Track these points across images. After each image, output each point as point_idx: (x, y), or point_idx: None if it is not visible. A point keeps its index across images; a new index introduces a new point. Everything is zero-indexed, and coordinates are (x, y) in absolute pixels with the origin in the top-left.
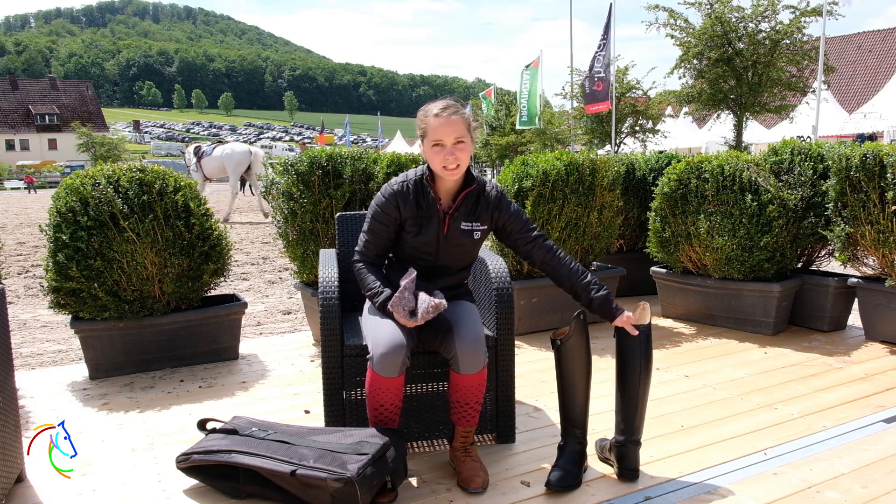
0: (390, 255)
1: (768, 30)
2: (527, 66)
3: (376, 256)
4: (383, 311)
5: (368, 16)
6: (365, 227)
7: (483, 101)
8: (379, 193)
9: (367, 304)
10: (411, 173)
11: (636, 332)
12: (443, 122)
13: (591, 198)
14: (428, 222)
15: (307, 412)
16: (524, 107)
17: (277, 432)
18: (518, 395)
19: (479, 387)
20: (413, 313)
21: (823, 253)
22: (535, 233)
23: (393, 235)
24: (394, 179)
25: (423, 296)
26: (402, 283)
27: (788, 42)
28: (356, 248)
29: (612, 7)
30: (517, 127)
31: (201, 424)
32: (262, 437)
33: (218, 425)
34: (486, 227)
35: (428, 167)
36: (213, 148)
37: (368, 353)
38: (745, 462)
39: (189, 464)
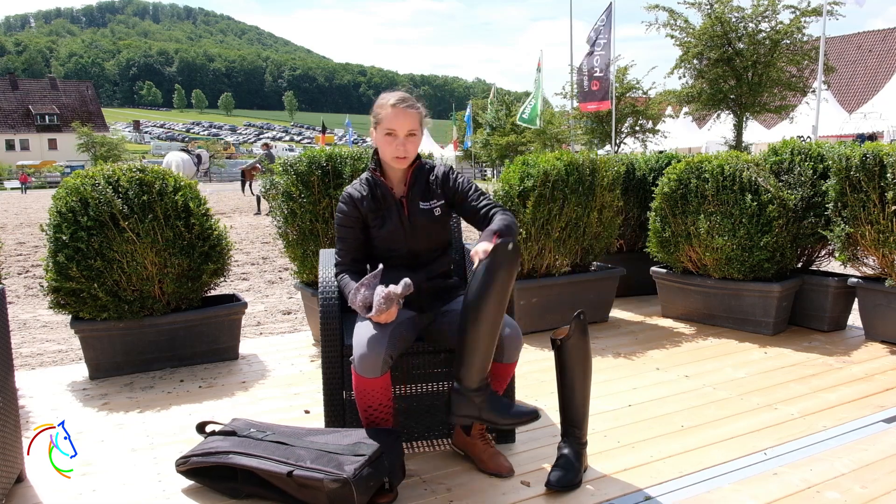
0: (368, 265)
1: (768, 30)
2: (538, 70)
3: (352, 262)
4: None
5: (368, 16)
6: (336, 238)
7: (488, 104)
8: (339, 202)
9: None
10: (362, 176)
11: (476, 260)
12: (398, 114)
13: (591, 198)
14: (388, 213)
15: (307, 412)
16: (530, 105)
17: (275, 433)
18: (518, 395)
19: (511, 373)
20: (370, 308)
21: (823, 253)
22: (486, 201)
23: (361, 236)
24: (347, 186)
25: (379, 288)
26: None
27: (788, 42)
28: (334, 263)
29: (612, 6)
30: (516, 121)
31: (200, 427)
32: (261, 438)
33: (217, 428)
34: (442, 202)
35: (376, 161)
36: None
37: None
38: (745, 462)
39: (188, 466)
